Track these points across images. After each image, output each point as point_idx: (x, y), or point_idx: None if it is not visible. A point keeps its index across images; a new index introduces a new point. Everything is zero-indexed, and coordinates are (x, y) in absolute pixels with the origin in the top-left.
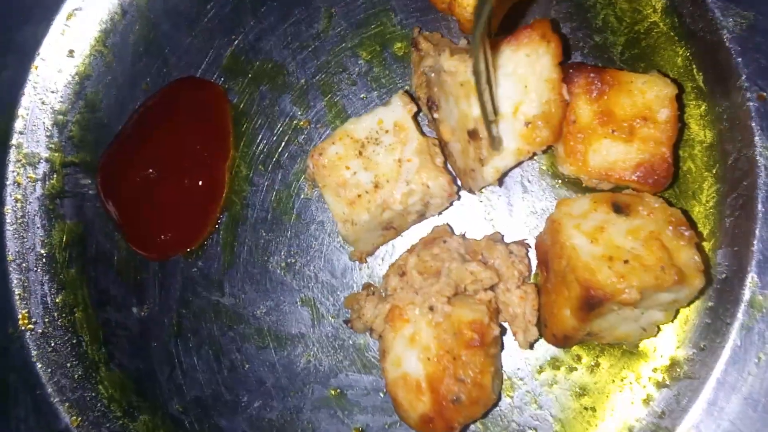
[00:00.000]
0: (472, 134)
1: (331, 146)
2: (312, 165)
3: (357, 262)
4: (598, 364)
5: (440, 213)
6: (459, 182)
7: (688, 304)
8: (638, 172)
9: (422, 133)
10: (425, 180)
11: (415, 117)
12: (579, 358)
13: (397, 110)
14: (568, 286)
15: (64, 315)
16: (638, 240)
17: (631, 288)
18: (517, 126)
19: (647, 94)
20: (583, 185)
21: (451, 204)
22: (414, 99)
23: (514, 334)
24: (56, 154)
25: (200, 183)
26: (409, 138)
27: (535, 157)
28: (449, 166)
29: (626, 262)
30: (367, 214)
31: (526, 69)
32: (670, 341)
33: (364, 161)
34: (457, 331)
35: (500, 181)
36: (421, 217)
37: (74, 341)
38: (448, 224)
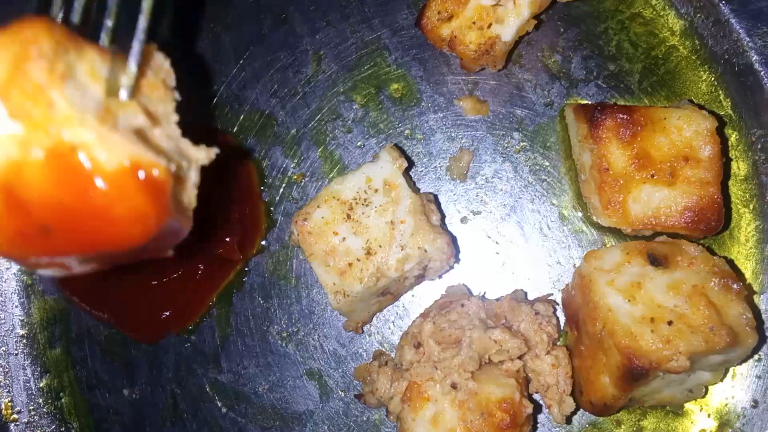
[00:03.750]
0: None
1: (317, 210)
2: (297, 231)
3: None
4: (640, 429)
5: (440, 276)
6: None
7: (740, 363)
8: (686, 218)
9: (415, 190)
10: (421, 243)
11: (406, 172)
12: (619, 424)
13: (386, 166)
14: (606, 352)
15: (50, 401)
16: (681, 296)
17: (678, 354)
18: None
19: (685, 131)
20: (624, 234)
21: (451, 267)
22: (404, 153)
23: (548, 407)
24: None
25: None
26: (400, 197)
27: (554, 201)
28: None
29: (670, 323)
30: (360, 285)
31: None
32: (717, 398)
33: (354, 225)
34: (485, 411)
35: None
36: (421, 279)
37: (62, 429)
38: (464, 284)
